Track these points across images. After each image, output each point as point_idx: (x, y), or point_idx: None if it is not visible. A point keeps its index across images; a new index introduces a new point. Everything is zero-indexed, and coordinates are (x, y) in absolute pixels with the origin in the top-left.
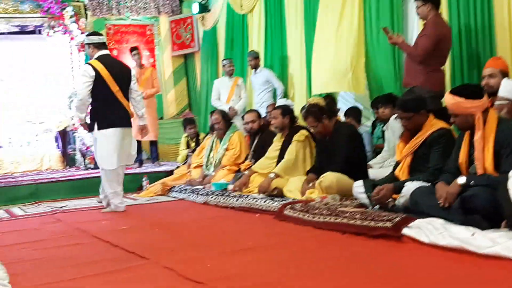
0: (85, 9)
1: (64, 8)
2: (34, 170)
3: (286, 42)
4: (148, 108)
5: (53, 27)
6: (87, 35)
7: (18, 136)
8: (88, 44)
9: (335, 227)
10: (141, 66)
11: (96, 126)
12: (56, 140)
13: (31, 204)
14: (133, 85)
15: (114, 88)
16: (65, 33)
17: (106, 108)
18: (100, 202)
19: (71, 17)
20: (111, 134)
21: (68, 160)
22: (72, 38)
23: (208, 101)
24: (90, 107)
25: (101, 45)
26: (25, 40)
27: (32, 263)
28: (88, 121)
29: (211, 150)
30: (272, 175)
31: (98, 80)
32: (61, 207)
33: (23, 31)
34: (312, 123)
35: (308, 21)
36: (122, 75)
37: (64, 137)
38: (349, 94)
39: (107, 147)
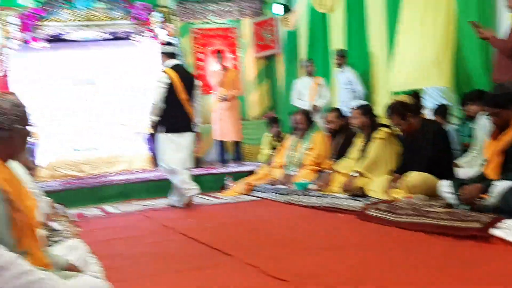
0: (172, 15)
1: (152, 14)
2: (125, 170)
3: (368, 40)
4: (231, 109)
5: (142, 33)
6: (162, 45)
7: (111, 138)
8: (163, 53)
9: (421, 227)
10: (224, 68)
11: (162, 129)
12: (147, 141)
13: (123, 202)
14: (197, 93)
15: (183, 96)
16: (153, 39)
17: (173, 114)
18: (173, 206)
19: (158, 22)
20: (174, 138)
21: (157, 160)
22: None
23: (291, 102)
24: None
25: (173, 55)
26: (116, 46)
27: (124, 258)
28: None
29: (293, 150)
30: (355, 174)
31: (171, 87)
32: (150, 205)
33: (114, 37)
34: (396, 121)
35: (391, 16)
36: (190, 84)
37: (153, 138)
38: (435, 90)
39: (170, 148)
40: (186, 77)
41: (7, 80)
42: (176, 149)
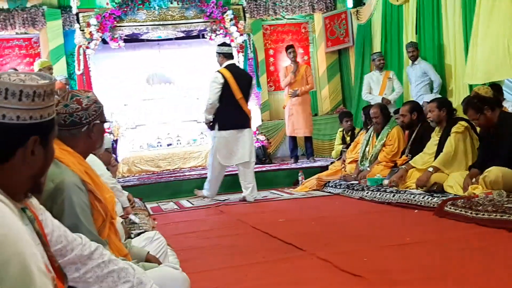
0: (244, 12)
1: (225, 12)
2: (199, 166)
3: (442, 31)
4: (303, 104)
5: (215, 31)
6: (218, 45)
7: (186, 134)
8: (219, 53)
9: (502, 224)
10: (296, 63)
11: (217, 127)
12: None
13: (197, 197)
14: (252, 92)
15: (238, 95)
16: (225, 36)
17: (229, 112)
18: (205, 197)
19: (230, 20)
20: (229, 135)
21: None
22: (232, 40)
23: (361, 97)
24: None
25: (229, 56)
26: (191, 44)
27: (199, 251)
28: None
29: (367, 145)
30: (430, 169)
31: (225, 87)
32: (224, 200)
33: (188, 36)
34: (473, 115)
35: (466, 6)
36: (246, 83)
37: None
38: None
39: (226, 146)
40: (241, 76)
41: (86, 79)
42: (231, 146)
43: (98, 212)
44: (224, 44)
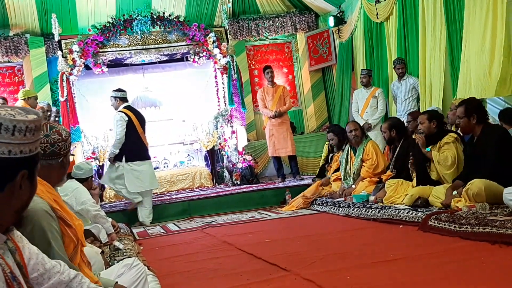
0: (226, 34)
1: (207, 35)
2: (186, 188)
3: (426, 47)
4: (282, 124)
5: (198, 53)
6: (113, 90)
7: (173, 156)
8: (115, 97)
9: (484, 237)
10: (273, 84)
11: (124, 159)
12: (205, 159)
13: (184, 220)
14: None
15: (140, 130)
16: (209, 58)
17: (133, 145)
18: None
19: (213, 42)
20: (136, 165)
21: (217, 177)
22: (215, 62)
23: (344, 114)
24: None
25: (124, 99)
26: (175, 67)
27: (184, 275)
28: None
29: (346, 163)
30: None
31: (130, 124)
32: (211, 222)
33: (172, 59)
34: (461, 114)
35: (448, 22)
36: (143, 120)
37: (213, 155)
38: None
39: (134, 175)
40: (139, 115)
41: (70, 105)
42: (139, 174)
43: (70, 239)
44: (119, 90)
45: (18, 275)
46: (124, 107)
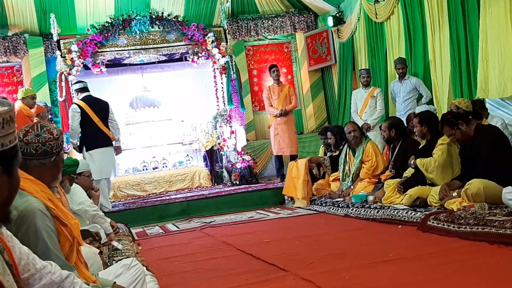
0: (225, 34)
1: (206, 34)
2: (185, 188)
3: (427, 47)
4: (288, 123)
5: (197, 53)
6: (72, 84)
7: (172, 156)
8: (75, 90)
9: (483, 237)
10: (279, 83)
11: (84, 148)
12: (204, 159)
13: (183, 220)
14: (111, 115)
15: (96, 119)
16: (208, 58)
17: (91, 134)
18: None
19: (212, 42)
20: (95, 153)
21: (216, 177)
22: (214, 62)
23: (346, 114)
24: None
25: (84, 89)
26: (174, 67)
27: (182, 275)
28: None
29: (345, 164)
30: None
31: (84, 114)
32: (210, 222)
33: (171, 59)
34: (449, 131)
35: (450, 22)
36: (102, 109)
37: (212, 155)
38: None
39: (95, 163)
40: (97, 104)
41: (69, 105)
42: (100, 162)
43: (65, 237)
44: (77, 82)
45: (8, 274)
46: (81, 98)
